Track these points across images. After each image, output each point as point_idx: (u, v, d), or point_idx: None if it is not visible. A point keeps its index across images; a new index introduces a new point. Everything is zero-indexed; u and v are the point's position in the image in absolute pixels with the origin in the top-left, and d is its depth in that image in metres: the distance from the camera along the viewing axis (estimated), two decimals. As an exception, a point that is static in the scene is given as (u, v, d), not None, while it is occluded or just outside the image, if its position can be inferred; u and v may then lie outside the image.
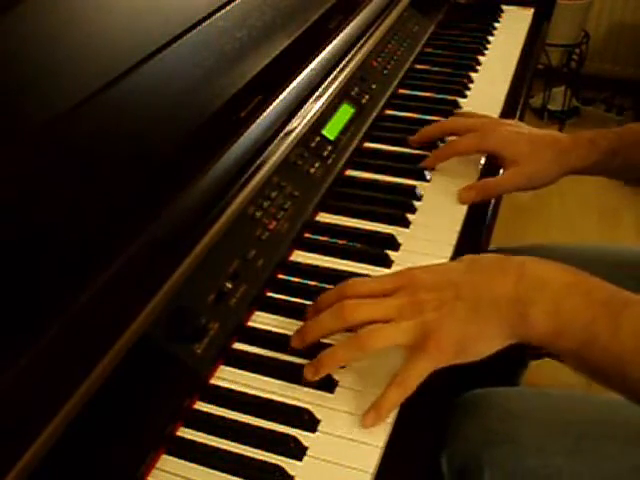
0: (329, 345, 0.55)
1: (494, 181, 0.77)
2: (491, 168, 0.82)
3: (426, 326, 0.53)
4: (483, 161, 0.82)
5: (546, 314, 0.51)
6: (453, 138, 0.82)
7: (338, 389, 0.56)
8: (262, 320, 0.62)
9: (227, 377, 0.57)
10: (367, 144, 0.87)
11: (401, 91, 0.99)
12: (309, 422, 0.53)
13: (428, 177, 0.80)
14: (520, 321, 0.52)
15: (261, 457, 0.51)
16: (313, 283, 0.65)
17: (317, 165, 0.75)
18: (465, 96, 0.98)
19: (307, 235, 0.71)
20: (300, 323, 0.61)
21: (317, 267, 0.67)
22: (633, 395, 0.51)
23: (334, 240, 0.71)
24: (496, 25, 1.20)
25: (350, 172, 0.82)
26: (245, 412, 0.54)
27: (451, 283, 0.54)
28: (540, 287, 0.52)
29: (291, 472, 0.50)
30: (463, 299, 0.53)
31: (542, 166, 0.76)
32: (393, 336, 0.53)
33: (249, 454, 0.51)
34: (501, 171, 0.79)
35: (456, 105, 0.95)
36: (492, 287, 0.53)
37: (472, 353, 0.54)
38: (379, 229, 0.72)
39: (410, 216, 0.74)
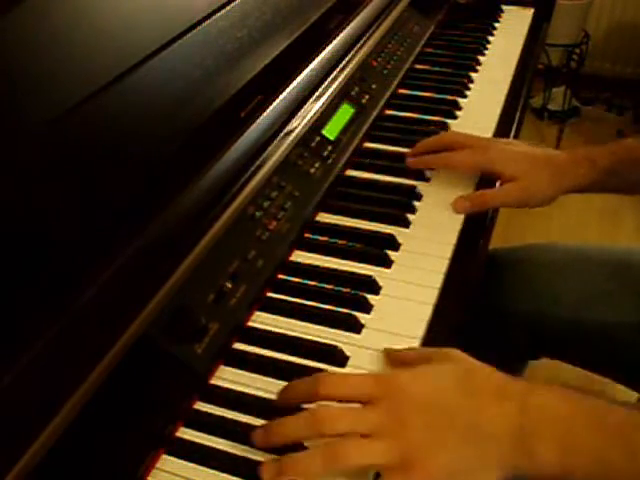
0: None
1: (490, 193, 0.76)
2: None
3: (412, 449, 0.47)
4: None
5: (554, 450, 0.47)
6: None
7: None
8: (262, 320, 0.62)
9: (227, 377, 0.57)
10: (367, 144, 0.87)
11: (401, 91, 0.99)
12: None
13: (428, 177, 0.80)
14: (525, 457, 0.47)
15: (261, 457, 0.51)
16: (313, 283, 0.65)
17: (317, 165, 0.75)
18: (465, 96, 0.98)
19: (307, 235, 0.71)
20: (300, 323, 0.61)
21: (317, 267, 0.67)
22: None
23: (334, 240, 0.71)
24: (496, 25, 1.19)
25: (350, 172, 0.82)
26: (245, 412, 0.54)
27: (444, 403, 0.48)
28: (546, 419, 0.48)
29: (291, 472, 0.50)
30: (457, 427, 0.47)
31: (539, 185, 0.75)
32: (372, 454, 0.47)
33: (249, 454, 0.51)
34: (497, 185, 0.78)
35: (456, 105, 0.95)
36: (491, 416, 0.48)
37: None
38: (379, 229, 0.72)
39: (410, 216, 0.74)
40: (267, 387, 0.56)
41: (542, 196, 0.75)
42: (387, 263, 0.68)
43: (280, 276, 0.66)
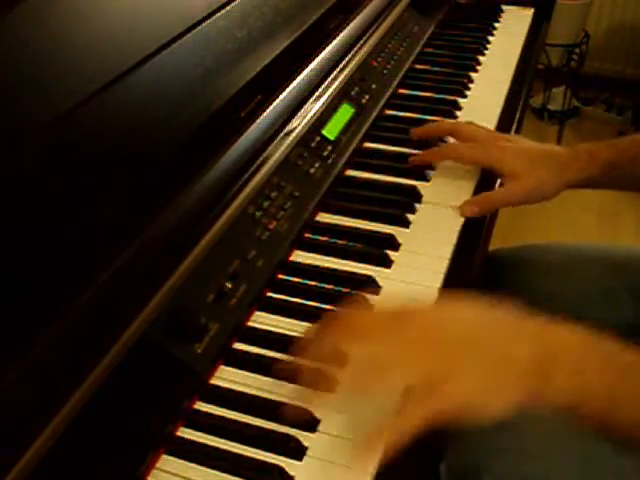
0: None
1: (495, 195, 0.77)
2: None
3: (437, 375, 0.49)
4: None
5: (566, 385, 0.49)
6: (452, 141, 0.82)
7: (338, 388, 0.55)
8: (262, 320, 0.62)
9: (227, 377, 0.57)
10: (367, 144, 0.87)
11: (401, 91, 0.99)
12: (309, 422, 0.53)
13: (428, 177, 0.80)
14: (540, 381, 0.49)
15: (261, 457, 0.51)
16: (313, 283, 0.65)
17: (317, 165, 0.75)
18: (465, 96, 0.98)
19: (307, 235, 0.71)
20: (300, 323, 0.61)
21: (317, 267, 0.67)
22: None
23: (334, 240, 0.71)
24: (496, 25, 1.19)
25: (350, 172, 0.82)
26: (245, 412, 0.54)
27: (467, 333, 0.51)
28: (560, 356, 0.50)
29: (291, 472, 0.50)
30: (480, 352, 0.50)
31: (541, 180, 0.76)
32: (400, 375, 0.50)
33: (249, 454, 0.51)
34: (497, 185, 0.79)
35: (456, 105, 0.95)
36: (512, 343, 0.50)
37: (483, 411, 0.50)
38: (379, 229, 0.72)
39: (410, 216, 0.74)
40: (267, 387, 0.56)
41: (544, 191, 0.76)
42: (387, 263, 0.68)
43: (280, 276, 0.66)
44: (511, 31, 1.18)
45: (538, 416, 0.68)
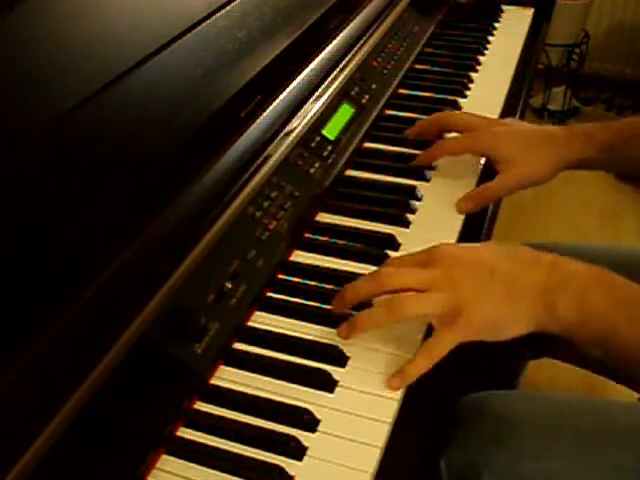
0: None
1: (490, 187, 0.77)
2: (492, 168, 0.82)
3: (459, 301, 0.55)
4: (483, 161, 0.82)
5: (572, 305, 0.55)
6: (452, 135, 0.82)
7: (338, 389, 0.56)
8: (262, 320, 0.62)
9: (227, 377, 0.57)
10: (367, 144, 0.87)
11: (401, 91, 0.99)
12: (309, 422, 0.53)
13: (428, 177, 0.80)
14: (548, 310, 0.55)
15: (261, 457, 0.51)
16: (313, 283, 0.65)
17: (317, 165, 0.75)
18: (465, 96, 0.98)
19: (307, 235, 0.71)
20: (300, 323, 0.61)
21: (317, 267, 0.67)
22: None
23: (334, 240, 0.71)
24: (496, 25, 1.19)
25: (350, 172, 0.82)
26: (245, 412, 0.54)
27: (487, 265, 0.57)
28: (568, 280, 0.56)
29: (291, 472, 0.50)
30: (498, 282, 0.56)
31: (538, 162, 0.76)
32: (426, 305, 0.56)
33: (249, 454, 0.51)
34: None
35: (456, 105, 0.95)
36: (526, 276, 0.56)
37: (499, 333, 0.57)
38: (379, 229, 0.72)
39: (410, 216, 0.74)
40: (267, 387, 0.56)
41: (540, 174, 0.76)
42: (387, 263, 0.67)
43: (280, 276, 0.66)
44: (511, 31, 1.18)
45: (538, 413, 0.69)
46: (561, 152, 0.76)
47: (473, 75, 1.03)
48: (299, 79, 0.76)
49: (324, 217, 0.74)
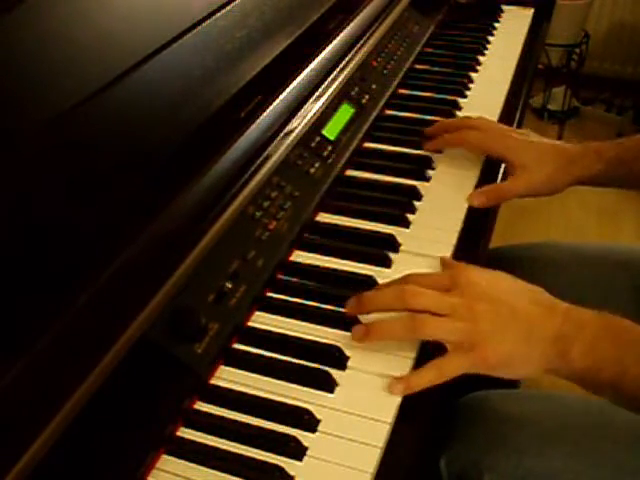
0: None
1: (504, 186, 0.78)
2: (490, 170, 0.82)
3: (478, 334, 0.55)
4: (482, 162, 0.82)
5: (585, 351, 0.55)
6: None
7: (338, 389, 0.56)
8: (262, 320, 0.62)
9: (227, 377, 0.57)
10: (367, 144, 0.87)
11: (401, 91, 0.99)
12: (309, 422, 0.53)
13: (428, 177, 0.80)
14: (560, 357, 0.56)
15: (261, 457, 0.51)
16: (313, 283, 0.65)
17: (317, 165, 0.75)
18: (465, 96, 0.98)
19: (307, 235, 0.71)
20: (300, 323, 0.61)
21: (317, 267, 0.67)
22: None
23: (334, 240, 0.71)
24: (496, 25, 1.19)
25: (350, 172, 0.82)
26: (245, 412, 0.54)
27: (509, 304, 0.57)
28: (581, 329, 0.56)
29: (291, 472, 0.50)
30: (519, 322, 0.56)
31: (549, 175, 0.77)
32: (447, 332, 0.56)
33: (249, 454, 0.51)
34: (499, 178, 0.79)
35: (456, 105, 0.95)
36: (544, 321, 0.57)
37: (509, 372, 0.57)
38: (379, 229, 0.72)
39: (410, 216, 0.74)
40: (267, 387, 0.56)
41: (551, 185, 0.78)
42: (387, 263, 0.67)
43: (280, 276, 0.66)
44: (511, 31, 1.18)
45: (538, 413, 0.69)
46: (571, 167, 0.77)
47: (473, 75, 1.03)
48: (299, 79, 0.76)
49: (324, 217, 0.74)
